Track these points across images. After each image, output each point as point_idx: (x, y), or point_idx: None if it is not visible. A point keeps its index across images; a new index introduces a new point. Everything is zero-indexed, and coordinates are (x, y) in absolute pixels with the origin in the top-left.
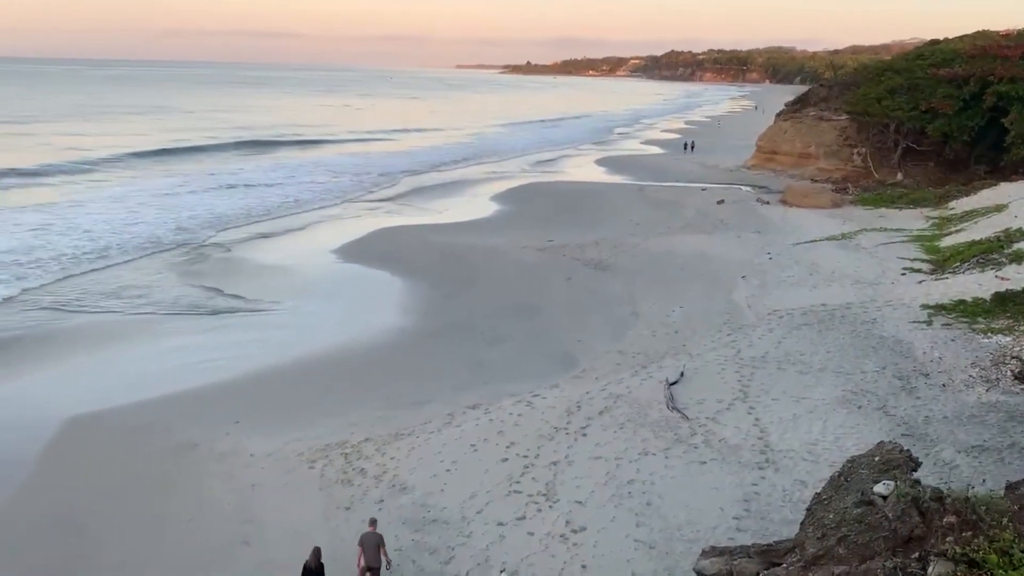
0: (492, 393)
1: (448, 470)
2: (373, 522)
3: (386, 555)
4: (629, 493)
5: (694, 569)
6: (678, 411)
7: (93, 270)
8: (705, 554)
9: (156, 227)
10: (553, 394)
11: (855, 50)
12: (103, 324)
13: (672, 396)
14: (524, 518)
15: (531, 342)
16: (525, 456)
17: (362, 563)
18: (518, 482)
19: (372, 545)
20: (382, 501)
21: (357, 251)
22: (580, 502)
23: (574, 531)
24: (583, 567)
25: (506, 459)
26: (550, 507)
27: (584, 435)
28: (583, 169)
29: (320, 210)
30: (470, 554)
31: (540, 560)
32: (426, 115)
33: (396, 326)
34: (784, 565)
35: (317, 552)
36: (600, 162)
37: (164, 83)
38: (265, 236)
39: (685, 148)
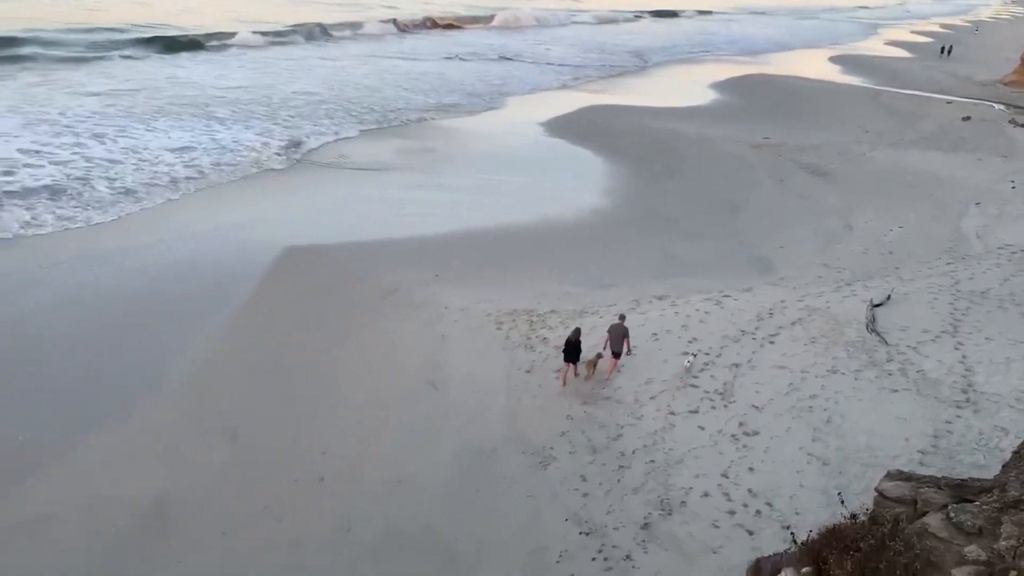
0: (681, 287)
1: (628, 353)
2: (622, 316)
3: (628, 344)
4: (810, 408)
5: (876, 489)
6: (878, 334)
7: (342, 136)
8: (890, 476)
9: (397, 91)
10: (745, 297)
11: None
12: (329, 172)
13: (874, 318)
14: (697, 412)
15: (729, 241)
16: (707, 353)
17: (606, 348)
18: (696, 377)
19: (619, 335)
20: (559, 371)
21: (564, 126)
22: (757, 407)
23: (746, 434)
24: (750, 469)
25: (687, 353)
26: (725, 407)
27: (771, 343)
28: (816, 66)
29: (543, 87)
30: (638, 435)
31: (707, 454)
32: None
33: (594, 206)
34: (977, 503)
35: (578, 331)
36: (836, 60)
37: None
38: (489, 108)
39: (942, 52)
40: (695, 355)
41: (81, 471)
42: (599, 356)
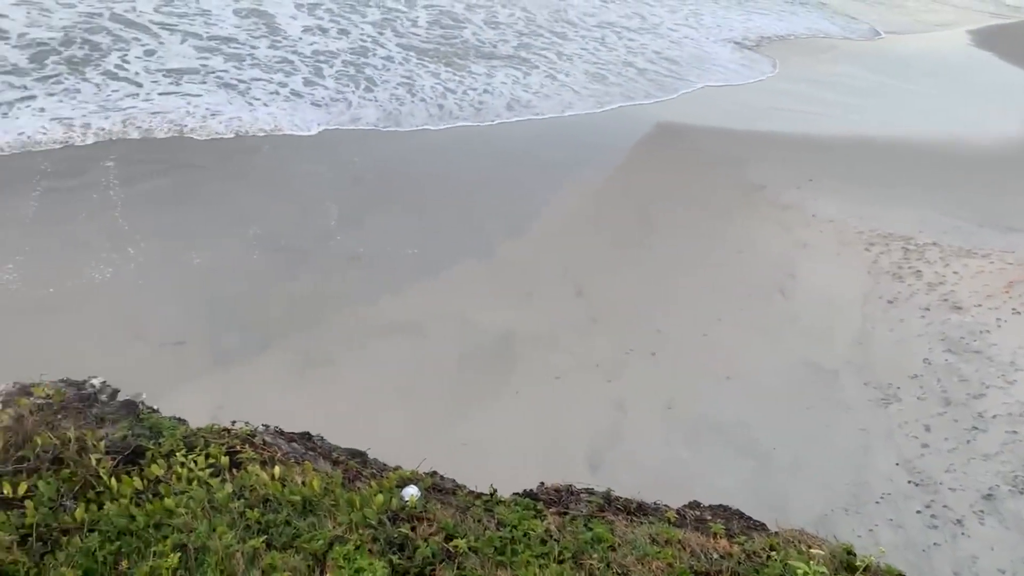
0: None
1: (1015, 310)
2: None
3: None
4: None
5: None
6: None
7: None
8: None
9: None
10: None
11: None
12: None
13: None
14: None
15: None
16: None
17: None
18: None
19: None
20: (927, 310)
21: (1000, 38)
22: None
23: None
24: None
25: None
26: None
27: None
28: None
29: None
30: (1005, 400)
31: None
32: None
33: (1016, 135)
34: None
35: None
36: None
37: None
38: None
39: None
40: None
41: (448, 291)
42: None
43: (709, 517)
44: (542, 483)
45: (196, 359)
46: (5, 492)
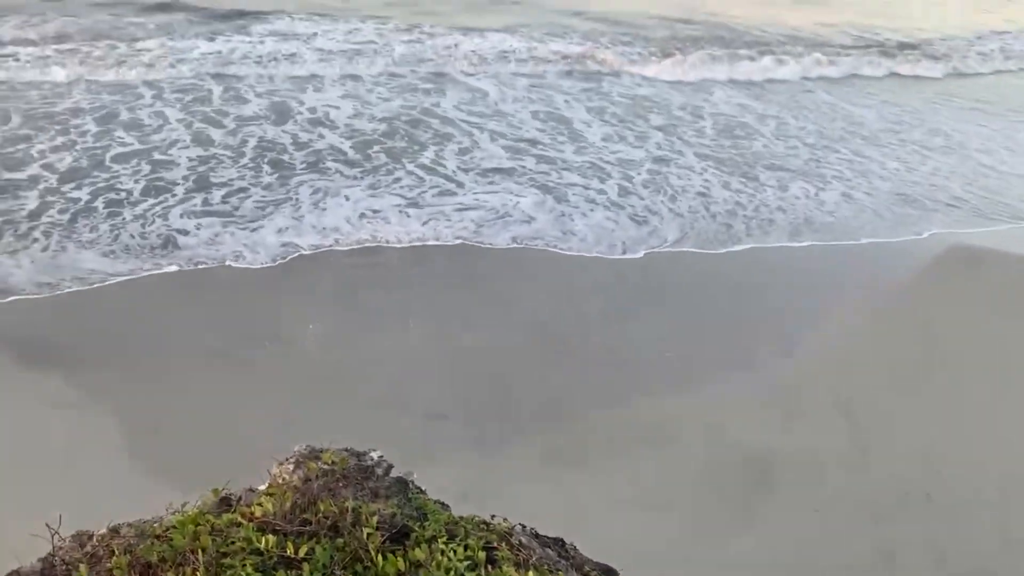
0: None
1: None
2: None
3: None
4: None
5: None
6: None
7: None
8: None
9: None
10: None
11: None
12: None
13: None
14: None
15: None
16: None
17: None
18: None
19: None
20: None
21: None
22: None
23: None
24: None
25: None
26: None
27: None
28: None
29: None
30: None
31: None
32: None
33: None
34: None
35: None
36: None
37: None
38: None
39: None
40: None
41: (705, 403)
42: None
43: None
44: None
45: (452, 436)
46: (288, 552)
